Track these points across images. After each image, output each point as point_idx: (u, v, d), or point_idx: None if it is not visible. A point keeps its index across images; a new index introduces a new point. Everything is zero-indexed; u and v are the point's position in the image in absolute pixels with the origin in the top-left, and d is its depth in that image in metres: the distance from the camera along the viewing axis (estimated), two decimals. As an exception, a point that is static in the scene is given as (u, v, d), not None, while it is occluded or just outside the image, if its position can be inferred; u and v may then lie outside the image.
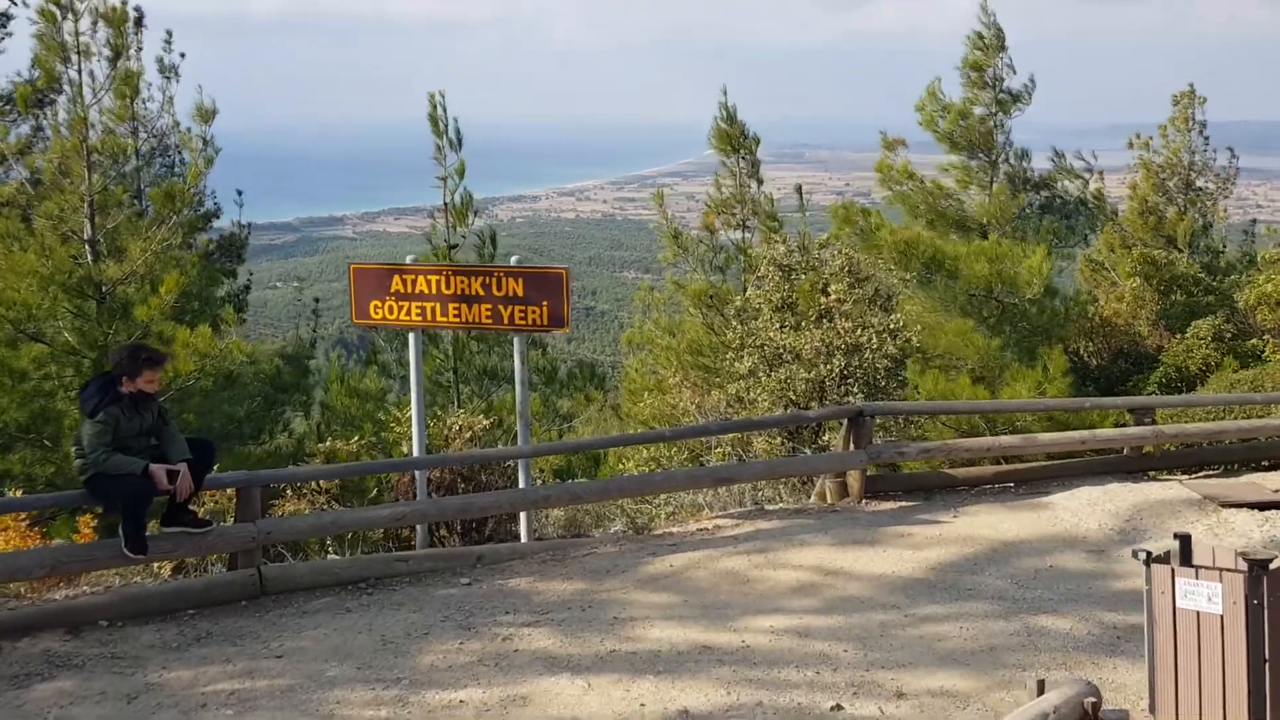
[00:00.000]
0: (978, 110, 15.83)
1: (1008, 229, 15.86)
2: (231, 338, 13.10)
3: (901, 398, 11.75)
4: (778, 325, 11.88)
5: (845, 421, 8.79)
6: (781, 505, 9.09)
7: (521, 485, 8.30)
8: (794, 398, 11.52)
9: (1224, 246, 21.12)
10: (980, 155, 16.02)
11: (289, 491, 8.80)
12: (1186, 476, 9.78)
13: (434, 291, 7.99)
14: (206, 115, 14.22)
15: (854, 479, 8.80)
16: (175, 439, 6.44)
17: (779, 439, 11.39)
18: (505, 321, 7.88)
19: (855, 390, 11.33)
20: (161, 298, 13.07)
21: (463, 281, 7.93)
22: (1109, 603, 6.92)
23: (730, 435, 10.83)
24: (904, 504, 8.91)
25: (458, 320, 8.05)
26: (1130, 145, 20.95)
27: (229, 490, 7.46)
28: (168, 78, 16.72)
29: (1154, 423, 9.71)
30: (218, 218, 19.92)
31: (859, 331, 11.31)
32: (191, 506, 6.71)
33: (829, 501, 8.91)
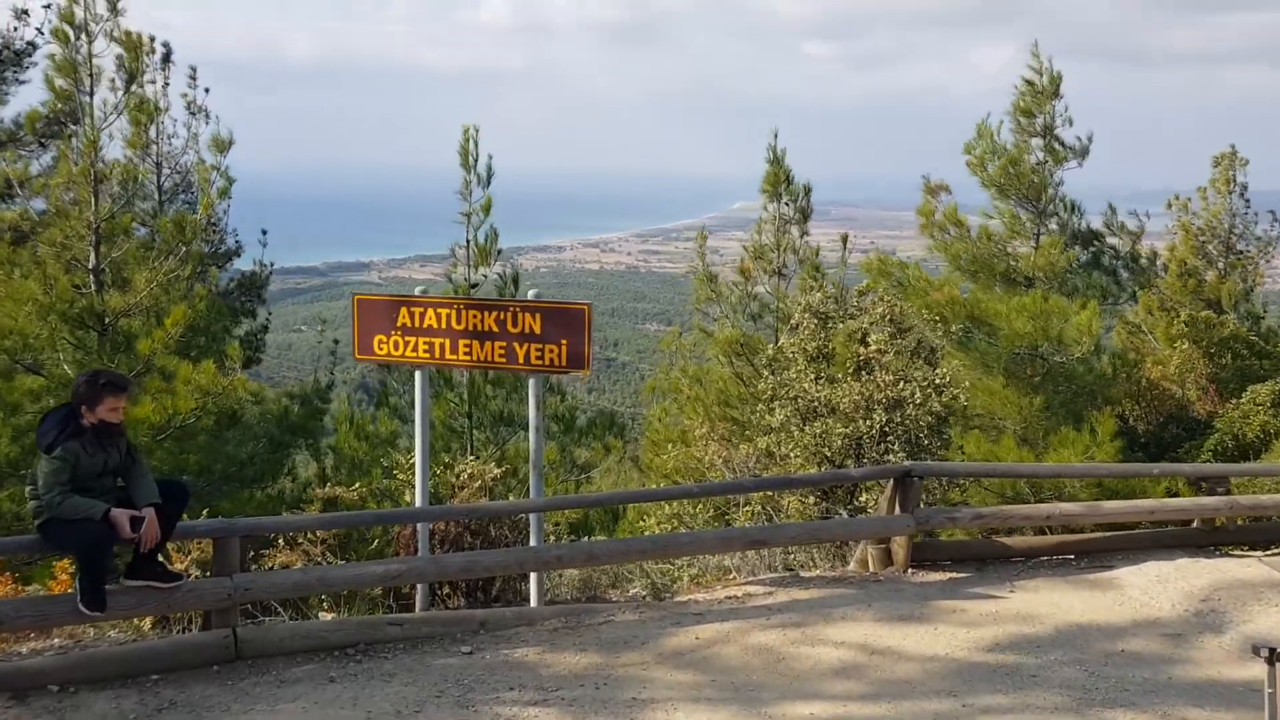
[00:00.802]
0: (1029, 159, 15.11)
1: (1055, 284, 15.08)
2: (237, 374, 12.44)
3: (943, 459, 10.94)
4: (812, 376, 11.13)
5: (890, 482, 8.01)
6: (818, 572, 8.28)
7: (533, 542, 7.55)
8: (829, 454, 10.73)
9: (1264, 311, 20.24)
10: (1029, 206, 15.28)
11: (281, 542, 8.06)
12: (1263, 553, 8.91)
13: (443, 326, 7.31)
14: (222, 146, 13.75)
15: (899, 545, 7.99)
16: (143, 480, 5.72)
17: (811, 499, 10.59)
18: (520, 361, 7.18)
19: (896, 448, 10.53)
20: (166, 331, 12.49)
21: (475, 316, 7.25)
22: (1192, 695, 6.08)
23: (760, 493, 10.09)
24: (954, 575, 8.08)
25: (469, 359, 7.32)
26: (1169, 206, 20.16)
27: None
28: (194, 114, 16.42)
29: (1228, 492, 8.85)
30: (239, 256, 19.51)
31: (901, 385, 10.53)
32: (161, 557, 5.99)
33: (871, 569, 8.10)
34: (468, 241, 13.55)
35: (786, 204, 17.20)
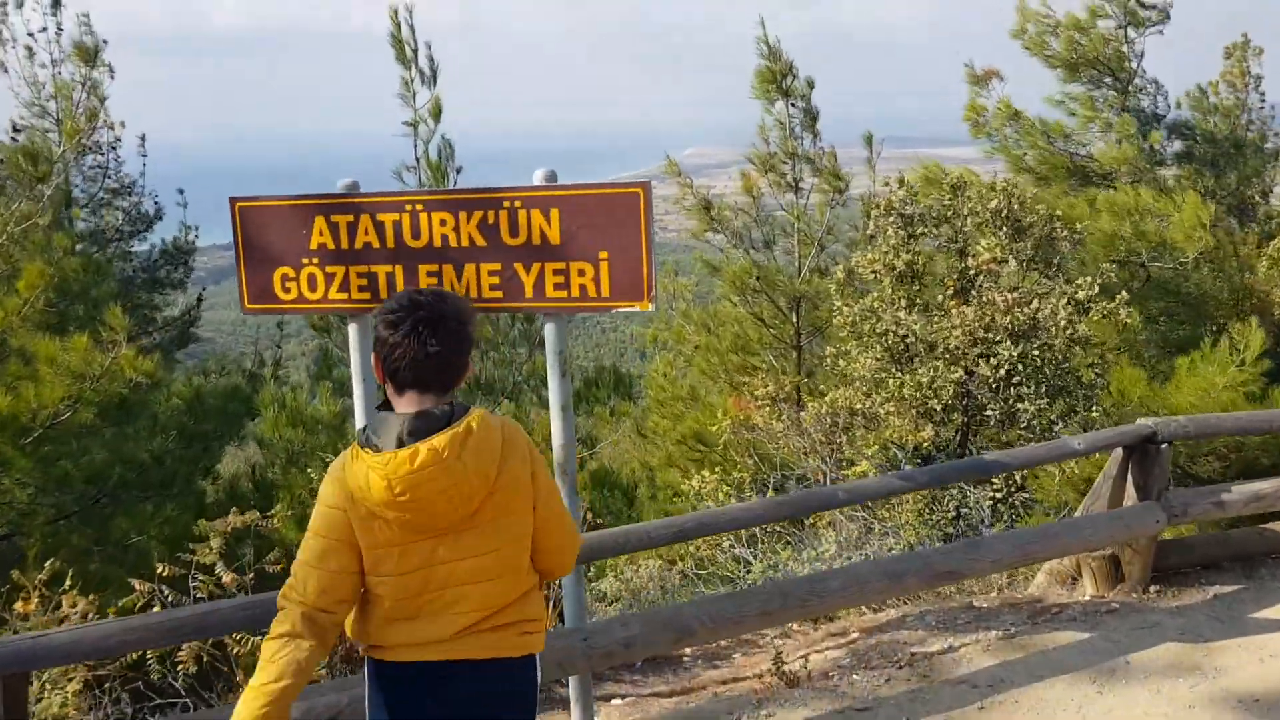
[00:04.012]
0: (1103, 24, 12.11)
1: (1142, 181, 12.17)
2: (121, 349, 9.25)
3: (1096, 403, 8.00)
4: (904, 302, 8.17)
5: (1118, 455, 5.09)
6: (1000, 599, 5.36)
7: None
8: (939, 408, 7.80)
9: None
10: (1106, 84, 12.31)
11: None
12: None
13: (391, 244, 4.24)
14: (87, 55, 10.38)
15: (1137, 552, 5.08)
16: None
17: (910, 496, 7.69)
18: (528, 294, 4.13)
19: (1034, 394, 7.63)
20: (21, 297, 9.30)
21: (445, 221, 4.18)
22: None
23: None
24: (1218, 589, 5.21)
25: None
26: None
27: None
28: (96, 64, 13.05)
29: None
30: (159, 220, 16.38)
31: (1035, 305, 7.60)
32: None
33: (1089, 588, 5.19)
34: (416, 160, 10.34)
35: (793, 104, 14.08)
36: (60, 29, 11.96)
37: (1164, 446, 4.95)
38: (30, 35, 11.73)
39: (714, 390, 14.11)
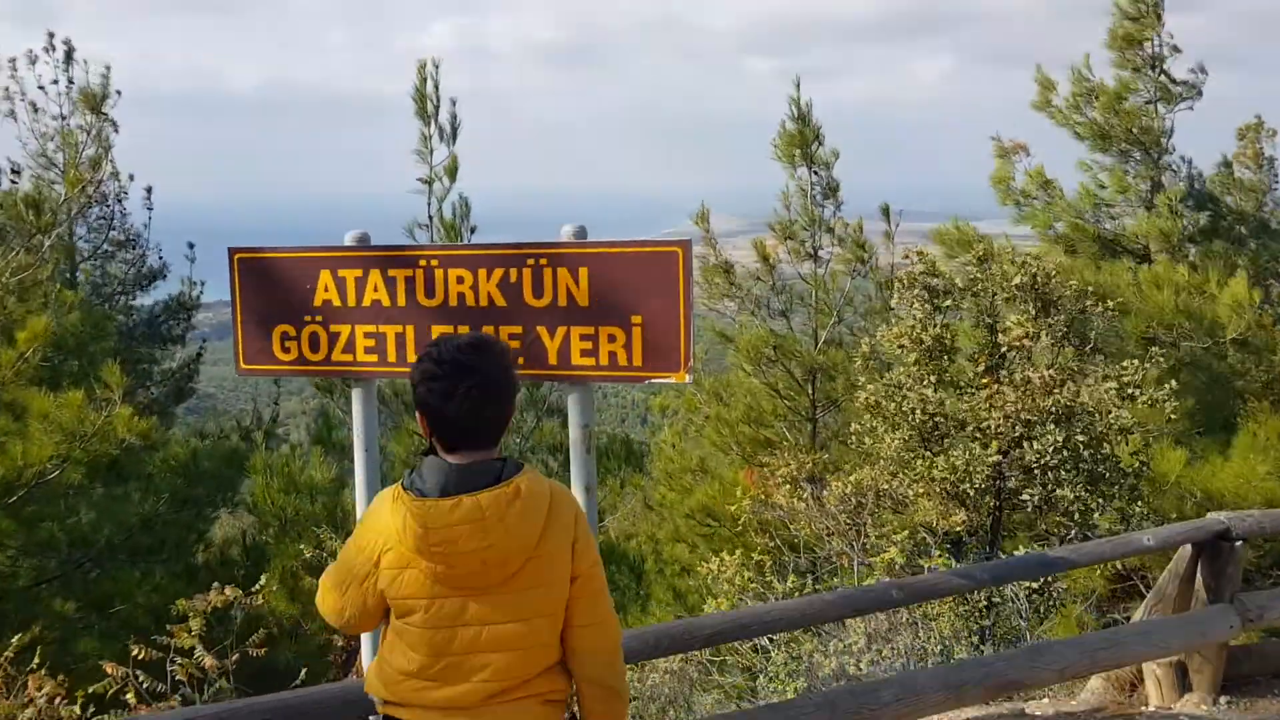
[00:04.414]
0: (1134, 98, 11.89)
1: (1172, 255, 11.87)
2: (117, 407, 8.88)
3: (1139, 495, 7.57)
4: (932, 379, 7.78)
5: (1186, 552, 4.66)
6: (1055, 705, 4.89)
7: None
8: (971, 491, 7.38)
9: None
10: (1136, 157, 12.04)
11: None
12: None
13: (402, 301, 3.88)
14: (93, 101, 10.14)
15: (1206, 658, 4.64)
16: None
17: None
18: (551, 360, 3.76)
19: (1072, 480, 7.21)
20: (19, 351, 8.98)
21: (463, 278, 3.82)
22: None
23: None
24: (1295, 702, 4.74)
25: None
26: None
27: None
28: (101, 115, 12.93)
29: None
30: (163, 278, 16.23)
31: (1073, 387, 7.22)
32: None
33: (1157, 700, 4.73)
34: (430, 218, 10.06)
35: (816, 171, 13.81)
36: (71, 82, 11.87)
37: (1237, 544, 4.53)
38: (41, 88, 11.61)
39: (725, 462, 13.69)
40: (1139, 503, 7.36)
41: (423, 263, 3.89)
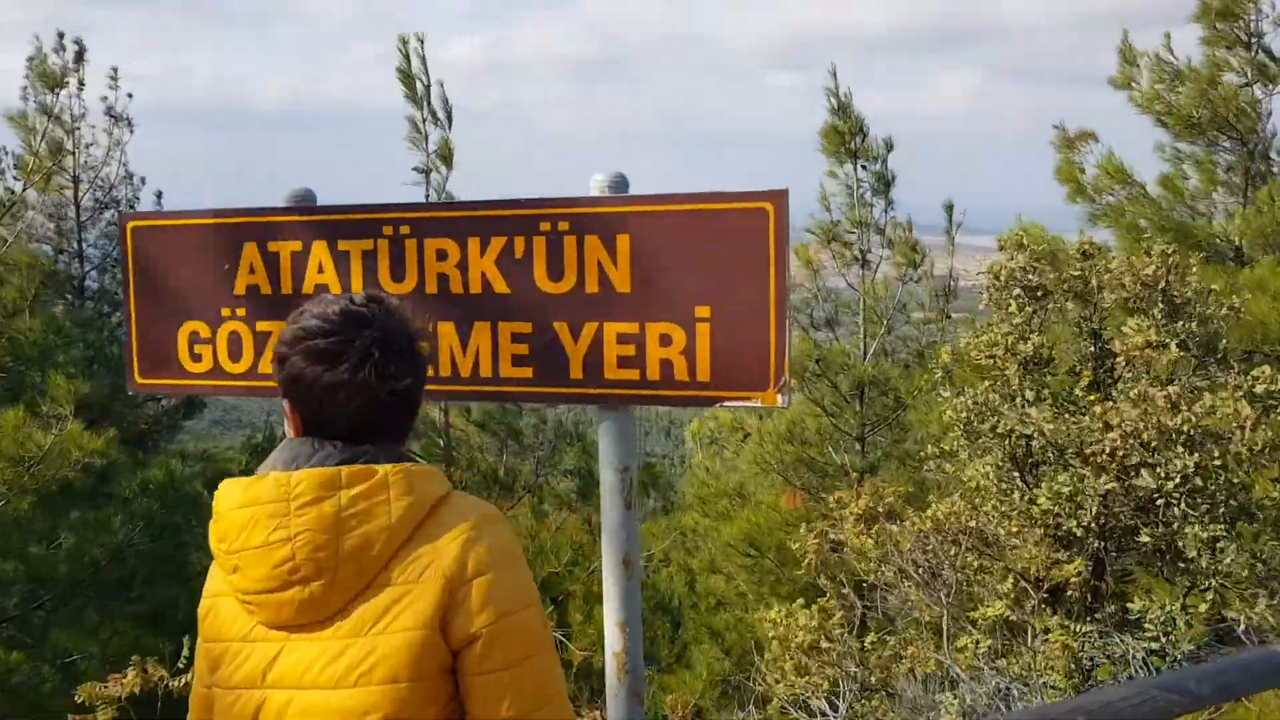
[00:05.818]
0: (1228, 78, 10.56)
1: (1272, 254, 10.55)
2: (69, 425, 7.70)
3: (1275, 526, 6.28)
4: (1032, 395, 6.50)
5: None
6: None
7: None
8: (1078, 531, 6.09)
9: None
10: (1229, 146, 10.70)
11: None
12: None
13: (358, 285, 2.66)
14: (53, 80, 9.01)
15: None
16: None
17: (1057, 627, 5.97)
18: (574, 375, 2.54)
19: (1203, 517, 5.92)
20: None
21: (445, 253, 2.60)
22: None
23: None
24: None
25: (438, 382, 2.66)
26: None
27: None
28: (115, 119, 12.27)
29: None
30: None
31: (1206, 401, 5.93)
32: None
33: None
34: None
35: (864, 166, 12.53)
36: (83, 84, 11.29)
37: None
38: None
39: (765, 484, 12.45)
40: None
41: (388, 229, 2.67)
